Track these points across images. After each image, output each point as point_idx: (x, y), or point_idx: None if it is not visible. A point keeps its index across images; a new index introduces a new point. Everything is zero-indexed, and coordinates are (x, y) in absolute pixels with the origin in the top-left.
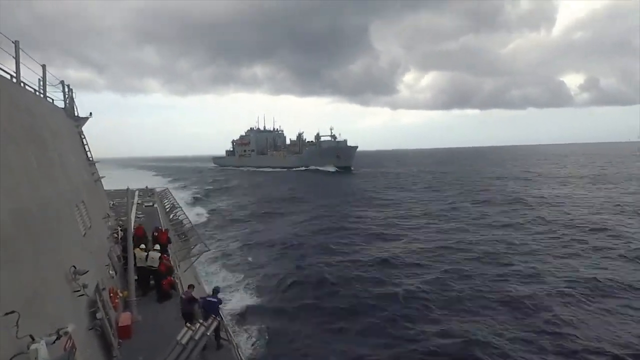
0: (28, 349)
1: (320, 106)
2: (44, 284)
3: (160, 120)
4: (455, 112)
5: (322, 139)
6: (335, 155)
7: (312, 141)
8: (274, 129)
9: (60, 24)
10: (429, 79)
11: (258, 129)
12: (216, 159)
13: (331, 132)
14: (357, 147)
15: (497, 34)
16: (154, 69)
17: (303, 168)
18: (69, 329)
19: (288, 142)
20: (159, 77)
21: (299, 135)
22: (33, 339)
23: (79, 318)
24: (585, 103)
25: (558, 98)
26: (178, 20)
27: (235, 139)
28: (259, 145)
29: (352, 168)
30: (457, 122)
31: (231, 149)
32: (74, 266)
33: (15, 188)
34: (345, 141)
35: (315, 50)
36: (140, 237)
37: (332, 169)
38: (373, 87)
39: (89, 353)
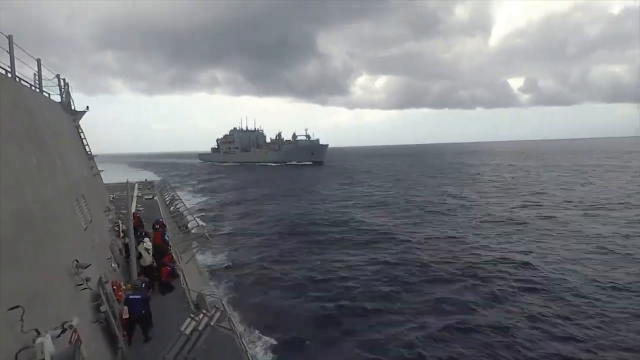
0: (34, 343)
1: (281, 105)
2: (47, 278)
3: (130, 118)
4: (411, 110)
5: (299, 138)
6: (310, 152)
7: (289, 140)
8: (255, 129)
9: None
10: (382, 81)
11: (241, 129)
12: (202, 155)
13: (306, 133)
14: (327, 145)
15: (438, 41)
16: (115, 72)
17: (280, 163)
18: (74, 323)
19: (268, 140)
20: (122, 78)
21: (279, 135)
22: (38, 333)
23: (83, 311)
24: (528, 103)
25: (504, 98)
26: (139, 29)
27: (219, 138)
28: (242, 143)
29: (324, 162)
30: (413, 120)
31: (216, 147)
32: (76, 260)
33: (15, 185)
34: (318, 140)
35: (271, 55)
36: (136, 227)
37: (309, 163)
38: (327, 89)
39: (94, 346)
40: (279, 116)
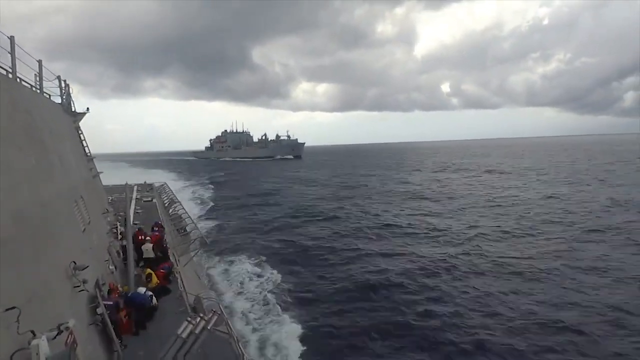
0: (29, 344)
1: (229, 107)
2: (44, 280)
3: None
4: (354, 112)
5: (282, 138)
6: (291, 148)
7: (274, 139)
8: (243, 131)
9: None
10: (322, 87)
11: (232, 131)
12: (196, 153)
13: (287, 133)
14: (304, 143)
15: (369, 51)
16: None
17: (269, 157)
18: (70, 325)
19: (256, 140)
20: (76, 85)
21: (264, 135)
22: (34, 335)
23: (79, 313)
24: (459, 107)
25: (437, 102)
26: (87, 44)
27: (212, 138)
28: (233, 142)
29: (302, 157)
30: (356, 121)
31: (209, 146)
32: (73, 262)
33: (14, 185)
34: (296, 139)
35: (211, 67)
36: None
37: (290, 157)
38: (267, 93)
39: (90, 348)
40: (229, 117)
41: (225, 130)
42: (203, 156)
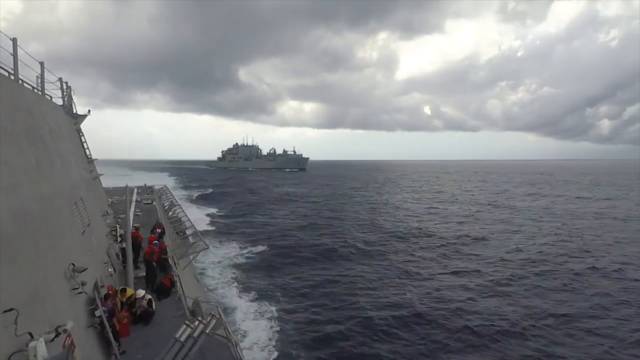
0: (27, 346)
1: (218, 121)
2: (42, 281)
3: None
4: (342, 130)
5: (289, 152)
6: (297, 162)
7: (281, 153)
8: (252, 144)
9: None
10: (307, 105)
11: (243, 144)
12: (209, 162)
13: (293, 149)
14: (309, 158)
15: (353, 73)
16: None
17: (273, 169)
18: (68, 327)
19: (265, 153)
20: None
21: (273, 150)
22: (32, 337)
23: (77, 316)
24: (440, 128)
25: (419, 123)
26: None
27: (224, 150)
28: (244, 154)
29: (306, 169)
30: (342, 139)
31: (221, 157)
32: (72, 264)
33: (15, 186)
34: (301, 154)
35: (198, 84)
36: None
37: (296, 169)
38: (253, 109)
39: (88, 350)
40: (220, 130)
41: (237, 143)
42: (215, 165)
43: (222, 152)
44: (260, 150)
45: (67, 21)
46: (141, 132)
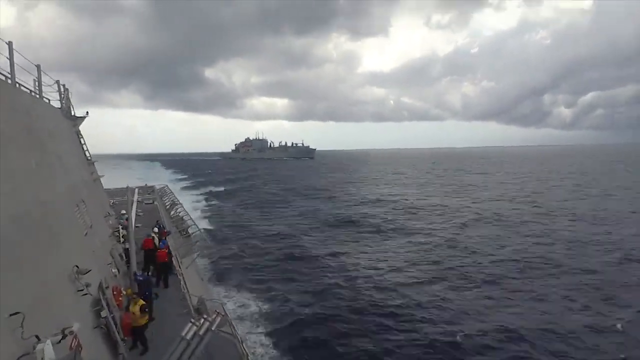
0: (34, 349)
1: (193, 116)
2: (47, 284)
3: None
4: (314, 122)
5: (298, 144)
6: (307, 152)
7: (292, 145)
8: (263, 138)
9: None
10: (275, 100)
11: (255, 138)
12: (223, 154)
13: (302, 142)
14: (315, 149)
15: (312, 70)
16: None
17: (287, 158)
18: (74, 328)
19: (277, 145)
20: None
21: (285, 143)
22: (39, 339)
23: (83, 317)
24: (406, 118)
25: (386, 114)
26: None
27: (237, 143)
28: (258, 146)
29: (314, 158)
30: (313, 130)
31: (235, 149)
32: (76, 266)
33: (16, 190)
34: (309, 146)
35: (165, 83)
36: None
37: (306, 158)
38: (224, 105)
39: (95, 352)
40: (197, 125)
41: (248, 138)
42: (230, 156)
43: (235, 145)
44: (272, 143)
45: (48, 35)
46: (128, 128)
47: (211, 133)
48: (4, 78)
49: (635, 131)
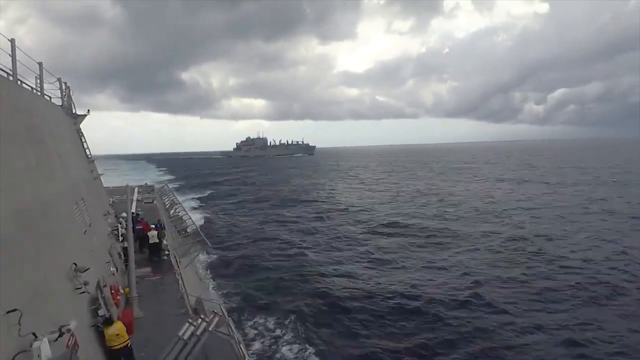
0: (31, 346)
1: (177, 118)
2: (45, 282)
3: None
4: (293, 121)
5: (298, 142)
6: (307, 149)
7: (293, 142)
8: (262, 138)
9: None
10: (252, 100)
11: (257, 137)
12: (225, 153)
13: (302, 140)
14: (315, 146)
15: (286, 71)
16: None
17: (289, 154)
18: (71, 326)
19: (277, 143)
20: None
21: (286, 141)
22: (36, 337)
23: (80, 315)
24: (383, 116)
25: (363, 112)
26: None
27: (238, 142)
28: (259, 144)
29: (314, 154)
30: (298, 128)
31: (236, 147)
32: (74, 264)
33: (16, 187)
34: (308, 143)
35: (142, 87)
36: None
37: (307, 155)
38: (202, 106)
39: (92, 350)
40: (178, 126)
41: (249, 137)
42: (232, 154)
43: (237, 144)
44: (272, 142)
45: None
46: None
47: (188, 134)
48: (5, 75)
49: (603, 127)
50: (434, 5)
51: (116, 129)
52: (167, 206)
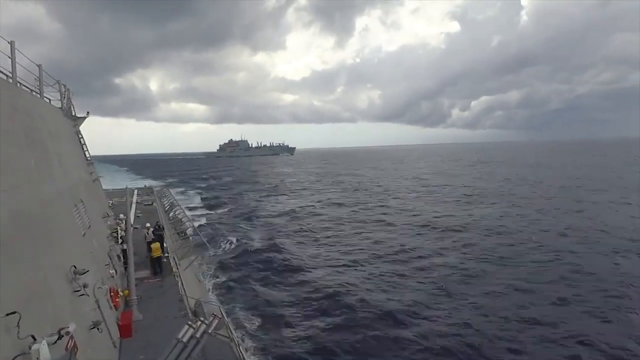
0: (30, 349)
1: (118, 120)
2: (44, 284)
3: None
4: (235, 125)
5: (280, 144)
6: (288, 150)
7: (276, 144)
8: (244, 140)
9: None
10: (192, 105)
11: (240, 140)
12: (208, 154)
13: (283, 141)
14: (295, 147)
15: (220, 76)
16: None
17: (272, 154)
18: (71, 329)
19: (256, 145)
20: None
21: (270, 143)
22: (34, 339)
23: (80, 318)
24: (324, 120)
25: (303, 116)
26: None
27: (221, 144)
28: (243, 146)
29: (294, 154)
30: (237, 131)
31: (219, 149)
32: (74, 266)
33: (15, 188)
34: (288, 145)
35: (85, 90)
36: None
37: (287, 155)
38: (139, 110)
39: (91, 353)
40: (114, 129)
41: (232, 139)
42: (216, 155)
43: (220, 145)
44: (254, 143)
45: None
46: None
47: (128, 135)
48: (5, 77)
49: (528, 131)
50: (347, 27)
51: None
52: (166, 208)
